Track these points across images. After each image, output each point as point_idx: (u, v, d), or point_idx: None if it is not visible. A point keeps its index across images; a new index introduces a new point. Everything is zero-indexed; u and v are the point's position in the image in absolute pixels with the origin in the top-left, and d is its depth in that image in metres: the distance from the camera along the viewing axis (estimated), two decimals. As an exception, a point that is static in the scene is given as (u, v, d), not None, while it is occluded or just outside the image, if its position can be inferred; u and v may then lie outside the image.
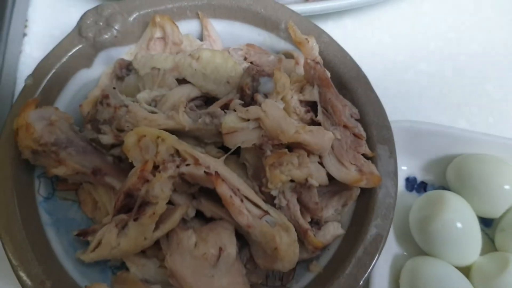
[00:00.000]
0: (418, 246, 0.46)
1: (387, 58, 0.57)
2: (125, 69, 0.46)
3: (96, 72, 0.48)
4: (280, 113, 0.39)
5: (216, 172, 0.37)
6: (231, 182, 0.39)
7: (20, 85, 0.57)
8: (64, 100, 0.47)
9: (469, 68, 0.57)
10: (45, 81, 0.45)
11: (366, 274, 0.39)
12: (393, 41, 0.59)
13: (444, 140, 0.48)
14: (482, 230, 0.46)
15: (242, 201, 0.38)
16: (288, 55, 0.48)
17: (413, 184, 0.50)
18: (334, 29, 0.55)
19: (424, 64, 0.58)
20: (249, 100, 0.42)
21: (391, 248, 0.47)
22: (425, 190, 0.50)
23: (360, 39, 0.56)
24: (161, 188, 0.37)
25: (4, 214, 0.40)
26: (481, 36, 0.59)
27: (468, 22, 0.59)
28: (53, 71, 0.46)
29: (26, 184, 0.43)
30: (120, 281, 0.41)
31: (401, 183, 0.50)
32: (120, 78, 0.47)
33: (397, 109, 0.52)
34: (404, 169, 0.50)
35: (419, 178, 0.50)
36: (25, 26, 0.60)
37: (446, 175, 0.48)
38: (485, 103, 0.55)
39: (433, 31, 0.59)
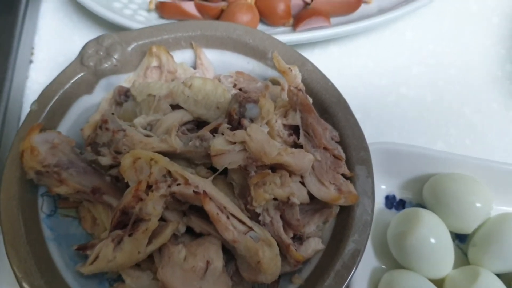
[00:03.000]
0: (395, 260, 0.48)
1: (371, 82, 0.60)
2: (124, 95, 0.50)
3: (97, 98, 0.52)
4: (264, 137, 0.42)
5: (204, 191, 0.41)
6: (218, 200, 0.42)
7: (26, 109, 0.61)
8: (66, 124, 0.50)
9: (448, 92, 0.60)
10: (49, 106, 0.49)
11: (344, 286, 0.42)
12: (376, 67, 0.62)
13: (421, 160, 0.51)
14: (457, 245, 0.49)
15: (228, 218, 0.42)
16: (275, 82, 0.52)
17: (392, 202, 0.53)
18: (320, 55, 0.59)
19: (405, 88, 0.61)
20: (236, 124, 0.45)
21: (370, 261, 0.49)
22: (403, 207, 0.53)
23: (345, 65, 0.59)
24: (153, 206, 0.40)
25: (10, 230, 0.43)
26: (459, 62, 0.62)
27: (448, 48, 0.63)
28: (57, 97, 0.49)
29: (30, 202, 0.46)
30: None
31: (381, 200, 0.53)
32: (119, 104, 0.51)
33: (379, 130, 0.55)
34: (383, 188, 0.53)
35: (398, 196, 0.53)
36: (32, 54, 0.64)
37: (422, 193, 0.51)
38: (463, 126, 0.58)
39: (414, 57, 0.63)
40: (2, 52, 0.61)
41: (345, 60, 0.59)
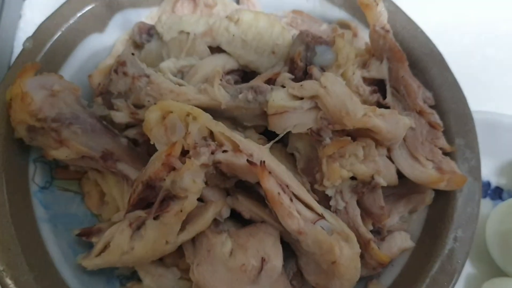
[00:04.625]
0: (497, 267, 0.38)
1: (450, 41, 0.49)
2: (146, 34, 0.39)
3: (110, 38, 0.42)
4: (345, 91, 0.31)
5: (262, 162, 0.29)
6: (279, 176, 0.30)
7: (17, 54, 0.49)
8: (70, 69, 0.40)
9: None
10: (48, 45, 0.39)
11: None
12: (457, 22, 0.52)
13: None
14: None
15: (291, 200, 0.30)
16: (344, 26, 0.40)
17: (486, 189, 0.43)
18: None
19: (492, 49, 0.51)
20: (301, 74, 0.34)
21: (464, 267, 0.38)
22: (500, 197, 0.42)
23: (419, 19, 0.48)
24: (192, 179, 0.29)
25: (-11, 205, 0.34)
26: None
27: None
28: (59, 33, 0.39)
29: (18, 170, 0.37)
30: None
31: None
32: (139, 46, 0.40)
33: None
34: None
35: (494, 182, 0.43)
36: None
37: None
38: None
39: (503, 11, 0.52)
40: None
41: (419, 12, 0.46)
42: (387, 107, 0.34)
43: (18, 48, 0.50)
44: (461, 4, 0.53)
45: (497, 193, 0.42)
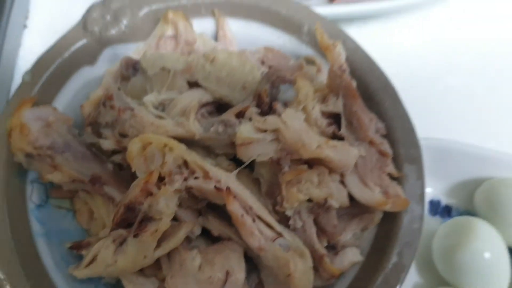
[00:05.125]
0: (440, 277, 0.42)
1: (414, 69, 0.53)
2: (132, 68, 0.43)
3: (100, 70, 0.45)
4: (302, 126, 0.35)
5: (228, 188, 0.34)
6: (243, 199, 0.35)
7: (17, 81, 0.53)
8: (63, 100, 0.44)
9: (502, 85, 0.53)
10: (44, 77, 0.42)
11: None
12: (421, 52, 0.55)
13: (472, 161, 0.44)
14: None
15: (254, 221, 0.35)
16: (310, 61, 0.44)
17: (436, 208, 0.46)
18: (357, 35, 0.51)
19: (453, 78, 0.54)
20: (266, 108, 0.38)
21: (410, 277, 0.43)
22: (449, 215, 0.46)
23: (385, 48, 0.52)
24: (166, 203, 0.33)
25: (-8, 222, 0.37)
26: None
27: (504, 35, 0.55)
28: (54, 67, 0.43)
29: (17, 190, 0.40)
30: None
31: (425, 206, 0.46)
32: (125, 78, 0.44)
33: (421, 127, 0.48)
34: (428, 191, 0.46)
35: (444, 201, 0.47)
36: (26, 17, 0.57)
37: (474, 199, 0.44)
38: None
39: (466, 41, 0.56)
40: (-8, 14, 0.53)
41: (384, 41, 0.51)
42: (342, 138, 0.39)
43: (18, 74, 0.54)
44: (424, 33, 0.56)
45: (446, 211, 0.46)
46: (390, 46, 0.53)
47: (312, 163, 0.36)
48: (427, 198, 0.46)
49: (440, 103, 0.52)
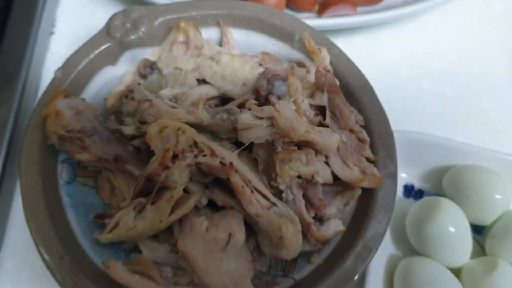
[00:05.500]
0: (412, 248, 0.48)
1: (392, 74, 0.60)
2: (149, 68, 0.50)
3: (120, 70, 0.52)
4: (292, 114, 0.42)
5: (231, 163, 0.41)
6: (243, 173, 0.41)
7: (45, 80, 0.61)
8: (89, 94, 0.50)
9: (468, 88, 0.60)
10: (73, 74, 0.48)
11: (364, 266, 0.42)
12: (398, 59, 0.62)
13: (442, 151, 0.51)
14: (474, 237, 0.49)
15: (252, 192, 0.41)
16: (300, 64, 0.51)
17: (410, 191, 0.53)
18: (344, 45, 0.58)
19: (426, 82, 0.61)
20: (263, 101, 0.45)
21: (386, 249, 0.49)
22: (421, 197, 0.53)
23: (368, 56, 0.60)
24: (179, 174, 0.40)
25: (30, 193, 0.43)
26: (481, 59, 0.63)
27: (470, 45, 0.63)
28: (81, 66, 0.49)
29: (50, 168, 0.46)
30: (133, 262, 0.43)
31: (400, 189, 0.53)
32: (143, 77, 0.51)
33: (399, 122, 0.55)
34: (403, 176, 0.53)
35: (417, 185, 0.53)
36: (53, 26, 0.64)
37: (442, 183, 0.51)
38: (482, 121, 0.58)
39: (436, 52, 0.63)
40: (24, 21, 0.61)
41: (368, 50, 0.59)
42: (326, 126, 0.46)
43: (45, 74, 0.61)
44: (401, 45, 0.63)
45: (418, 194, 0.52)
46: (372, 55, 0.60)
47: (301, 145, 0.43)
48: (403, 183, 0.53)
49: (415, 103, 0.59)
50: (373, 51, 0.60)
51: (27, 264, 0.52)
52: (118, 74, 0.52)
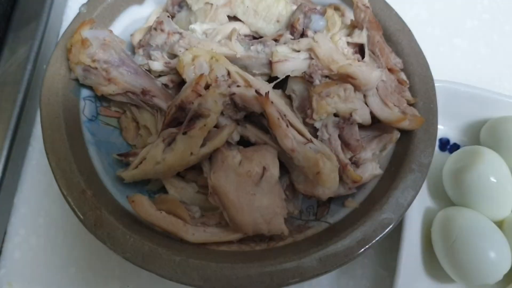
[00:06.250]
0: (450, 201, 0.46)
1: (423, 32, 0.58)
2: (177, 5, 0.48)
3: (147, 10, 0.50)
4: (332, 45, 0.40)
5: (267, 93, 0.38)
6: (278, 106, 0.39)
7: (66, 23, 0.59)
8: (115, 31, 0.47)
9: (502, 47, 0.58)
10: (99, 10, 0.47)
11: (404, 210, 0.39)
12: (430, 17, 0.61)
13: (480, 102, 0.49)
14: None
15: (287, 126, 0.39)
16: (335, 8, 0.49)
17: (446, 145, 0.51)
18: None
19: (459, 40, 0.59)
20: (299, 37, 0.43)
21: (424, 201, 0.47)
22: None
23: (399, 13, 0.58)
24: (214, 101, 0.38)
25: (51, 126, 0.41)
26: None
27: (503, 4, 0.62)
28: (107, 2, 0.47)
29: (72, 102, 0.44)
30: (159, 201, 0.40)
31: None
32: (171, 15, 0.48)
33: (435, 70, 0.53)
34: (441, 128, 0.50)
35: (452, 139, 0.51)
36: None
37: (480, 135, 0.49)
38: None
39: (469, 10, 0.62)
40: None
41: (398, 7, 0.56)
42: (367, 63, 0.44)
43: (67, 19, 0.60)
44: (433, 3, 0.62)
45: (455, 148, 0.50)
46: (403, 12, 0.58)
47: (339, 80, 0.41)
48: (438, 136, 0.50)
49: (447, 60, 0.58)
50: (403, 8, 0.58)
51: (42, 210, 0.50)
52: (144, 14, 0.50)
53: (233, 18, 0.46)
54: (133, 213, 0.38)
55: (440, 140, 0.51)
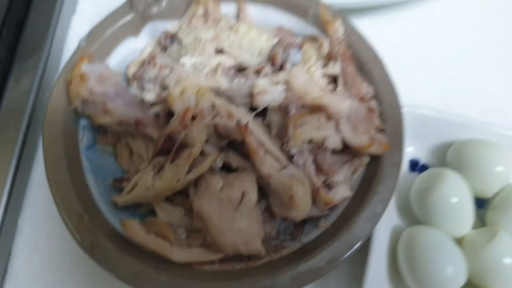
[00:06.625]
0: (416, 220, 0.50)
1: (400, 55, 0.62)
2: (170, 39, 0.52)
3: (142, 42, 0.54)
4: (306, 78, 0.45)
5: (246, 124, 0.43)
6: (257, 135, 0.44)
7: (66, 54, 0.63)
8: (111, 64, 0.52)
9: (473, 70, 0.62)
10: (97, 44, 0.51)
11: (370, 229, 0.43)
12: (407, 41, 0.65)
13: (447, 126, 0.53)
14: (476, 211, 0.50)
15: (265, 153, 0.44)
16: (314, 39, 0.54)
17: (415, 166, 0.55)
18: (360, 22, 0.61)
19: (432, 64, 0.63)
20: (279, 69, 0.48)
21: (391, 220, 0.51)
22: (426, 171, 0.55)
23: (377, 37, 0.61)
24: (198, 132, 0.42)
25: (52, 155, 0.45)
26: (485, 42, 0.65)
27: (475, 29, 0.66)
28: (105, 35, 0.51)
29: (72, 132, 0.48)
30: (148, 224, 0.44)
31: (405, 164, 0.55)
32: (163, 48, 0.53)
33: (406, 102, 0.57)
34: (410, 150, 0.55)
35: (422, 161, 0.55)
36: (75, 3, 0.67)
37: (446, 157, 0.53)
38: (485, 101, 0.60)
39: (444, 35, 0.66)
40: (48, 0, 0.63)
41: (376, 32, 0.60)
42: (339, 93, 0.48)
43: (66, 51, 0.64)
44: (409, 29, 0.66)
45: (423, 169, 0.54)
46: (381, 37, 0.61)
47: (313, 111, 0.45)
48: (408, 157, 0.55)
49: (421, 84, 0.61)
50: (381, 33, 0.62)
51: (45, 231, 0.55)
52: (139, 46, 0.54)
53: (220, 51, 0.50)
54: (126, 235, 0.42)
55: (411, 161, 0.55)
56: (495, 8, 0.68)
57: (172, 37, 0.52)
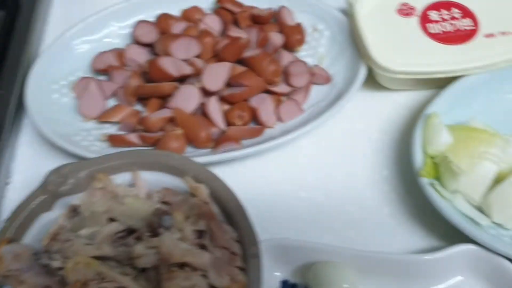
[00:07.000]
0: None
1: (277, 189, 0.76)
2: (74, 211, 0.65)
3: (55, 214, 0.66)
4: (172, 242, 0.58)
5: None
6: (137, 292, 0.56)
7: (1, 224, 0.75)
8: (31, 235, 0.64)
9: (336, 193, 0.76)
10: (17, 223, 0.63)
11: None
12: (281, 176, 0.78)
13: (306, 251, 0.66)
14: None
15: (146, 307, 0.55)
16: (185, 201, 0.67)
17: (286, 285, 0.67)
18: (235, 169, 0.76)
19: (303, 192, 0.76)
20: (156, 232, 0.61)
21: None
22: (295, 288, 0.67)
23: (257, 177, 0.75)
24: (87, 299, 0.54)
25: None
26: (346, 169, 0.79)
27: (337, 159, 0.80)
28: (23, 215, 0.64)
29: None
30: None
31: (278, 285, 0.67)
32: (71, 218, 0.66)
33: (281, 229, 0.70)
34: (278, 274, 0.67)
35: (291, 280, 0.67)
36: (8, 177, 0.81)
37: (308, 277, 0.65)
38: (347, 221, 0.73)
39: (311, 166, 0.79)
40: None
41: (255, 173, 0.75)
42: (205, 246, 0.61)
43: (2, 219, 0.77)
44: (281, 166, 0.78)
45: (295, 286, 0.67)
46: (260, 176, 0.76)
47: (182, 265, 0.58)
48: (280, 279, 0.67)
49: (294, 212, 0.72)
50: (260, 173, 0.76)
51: None
52: (54, 217, 0.66)
53: (112, 219, 0.64)
54: None
55: (282, 281, 0.67)
56: (353, 136, 0.83)
57: (77, 210, 0.65)
